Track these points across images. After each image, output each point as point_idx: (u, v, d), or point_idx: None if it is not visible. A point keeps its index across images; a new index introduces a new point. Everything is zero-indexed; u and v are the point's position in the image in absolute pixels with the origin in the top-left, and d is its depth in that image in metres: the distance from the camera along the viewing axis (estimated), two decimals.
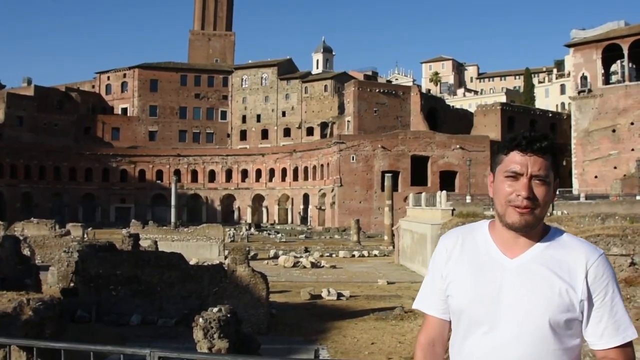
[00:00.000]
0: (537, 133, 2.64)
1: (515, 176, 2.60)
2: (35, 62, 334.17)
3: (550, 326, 2.54)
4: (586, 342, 2.67)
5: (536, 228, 2.66)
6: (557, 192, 2.85)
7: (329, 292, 27.37)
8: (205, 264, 28.74)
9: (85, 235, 52.06)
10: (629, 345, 2.61)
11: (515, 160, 2.61)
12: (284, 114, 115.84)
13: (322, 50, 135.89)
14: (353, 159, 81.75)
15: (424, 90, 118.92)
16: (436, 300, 2.86)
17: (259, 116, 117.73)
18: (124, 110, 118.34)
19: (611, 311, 2.59)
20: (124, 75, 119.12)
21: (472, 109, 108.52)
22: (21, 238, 32.89)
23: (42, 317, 12.43)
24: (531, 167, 2.58)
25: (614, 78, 77.80)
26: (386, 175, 63.65)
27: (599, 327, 2.59)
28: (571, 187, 69.23)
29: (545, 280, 2.58)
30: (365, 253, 51.14)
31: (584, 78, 71.43)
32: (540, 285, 2.57)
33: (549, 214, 44.04)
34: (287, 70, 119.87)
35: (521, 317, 2.56)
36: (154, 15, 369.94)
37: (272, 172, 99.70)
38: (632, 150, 66.12)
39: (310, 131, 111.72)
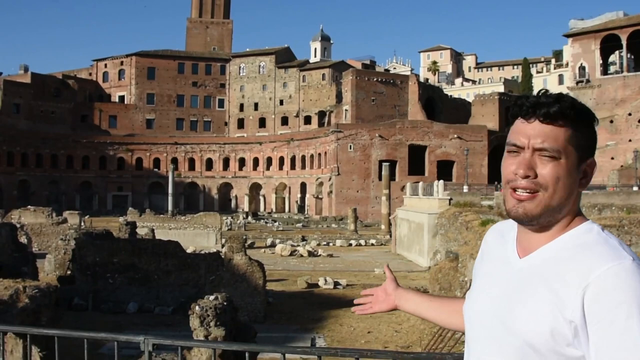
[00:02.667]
0: (547, 95, 2.02)
1: (517, 151, 2.03)
2: (32, 50, 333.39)
3: (530, 346, 1.92)
4: None
5: (554, 221, 2.02)
6: (590, 176, 2.09)
7: (325, 280, 27.42)
8: (202, 252, 28.73)
9: (82, 223, 52.09)
10: None
11: (517, 129, 2.04)
12: (281, 102, 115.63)
13: (320, 38, 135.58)
14: (350, 148, 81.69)
15: (422, 80, 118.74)
16: None
17: (256, 104, 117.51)
18: (121, 98, 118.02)
19: (620, 346, 1.75)
20: (122, 63, 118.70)
21: (470, 99, 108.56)
22: (18, 226, 32.89)
23: (38, 304, 12.43)
24: (534, 137, 1.98)
25: (612, 68, 77.72)
26: (384, 164, 63.63)
27: None
28: None
29: (536, 289, 1.96)
30: (362, 242, 51.20)
31: (582, 68, 71.36)
32: (529, 293, 1.96)
33: None
34: (284, 58, 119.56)
35: (502, 330, 2.01)
36: (151, 3, 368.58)
37: (269, 161, 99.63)
38: (630, 141, 66.14)
39: (307, 120, 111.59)
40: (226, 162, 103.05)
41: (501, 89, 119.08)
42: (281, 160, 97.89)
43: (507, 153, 2.07)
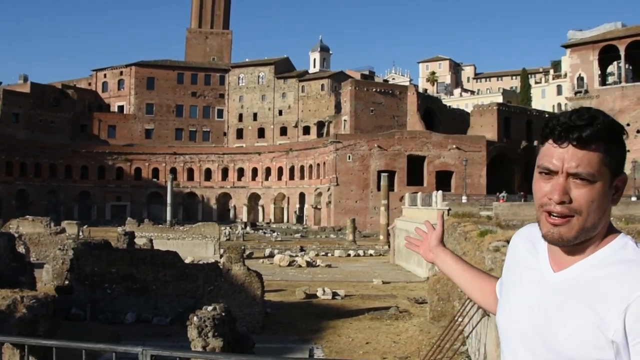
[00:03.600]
0: (581, 115, 1.97)
1: (550, 173, 1.99)
2: (31, 59, 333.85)
3: None
4: None
5: (589, 239, 2.03)
6: (620, 194, 2.05)
7: (324, 291, 27.36)
8: (201, 262, 28.68)
9: (81, 233, 51.97)
10: None
11: (549, 153, 2.00)
12: (280, 112, 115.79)
13: (319, 49, 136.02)
14: (349, 158, 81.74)
15: (420, 90, 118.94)
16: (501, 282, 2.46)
17: (255, 115, 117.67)
18: (121, 107, 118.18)
19: None
20: (121, 73, 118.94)
21: (468, 109, 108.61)
22: (16, 235, 32.82)
23: (35, 314, 12.40)
24: (567, 162, 1.94)
25: (610, 79, 77.95)
26: (382, 174, 63.65)
27: None
28: None
29: (575, 309, 1.95)
30: (360, 252, 51.13)
31: (580, 79, 71.59)
32: (570, 312, 1.96)
33: None
34: (284, 69, 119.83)
35: (537, 344, 2.03)
36: (151, 13, 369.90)
37: (268, 171, 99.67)
38: (628, 151, 66.15)
39: (306, 130, 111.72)
40: (225, 172, 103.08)
41: (500, 99, 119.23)
42: (280, 170, 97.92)
43: (538, 174, 2.04)
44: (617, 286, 1.89)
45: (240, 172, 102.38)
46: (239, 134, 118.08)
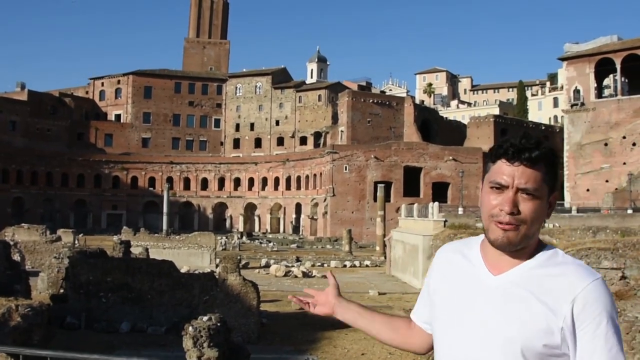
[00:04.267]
0: (529, 140, 2.32)
1: (500, 188, 2.32)
2: (29, 67, 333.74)
3: (522, 353, 2.25)
4: None
5: (527, 245, 2.37)
6: (553, 208, 2.49)
7: None
8: (196, 272, 28.62)
9: (76, 242, 51.81)
10: None
11: (500, 170, 2.33)
12: (277, 123, 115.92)
13: (316, 59, 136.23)
14: (346, 169, 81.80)
15: (417, 102, 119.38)
16: (424, 313, 2.74)
17: (252, 125, 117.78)
18: (118, 116, 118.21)
19: (604, 348, 2.21)
20: (118, 82, 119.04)
21: (465, 121, 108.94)
22: (11, 243, 32.72)
23: (30, 323, 12.35)
24: (517, 178, 2.29)
25: (606, 92, 78.17)
26: (379, 185, 63.72)
27: None
28: (563, 200, 69.44)
29: (524, 303, 2.28)
30: (356, 263, 51.09)
31: (576, 91, 71.75)
32: (518, 307, 2.29)
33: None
34: (281, 79, 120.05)
35: (492, 337, 2.31)
36: (149, 23, 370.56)
37: (264, 181, 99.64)
38: (624, 164, 66.36)
39: (303, 140, 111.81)
40: (221, 182, 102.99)
41: (496, 111, 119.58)
42: (276, 180, 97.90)
43: (489, 189, 2.37)
44: (562, 282, 2.27)
45: (237, 182, 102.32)
46: (236, 143, 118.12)
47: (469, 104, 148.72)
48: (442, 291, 2.54)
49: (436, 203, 42.71)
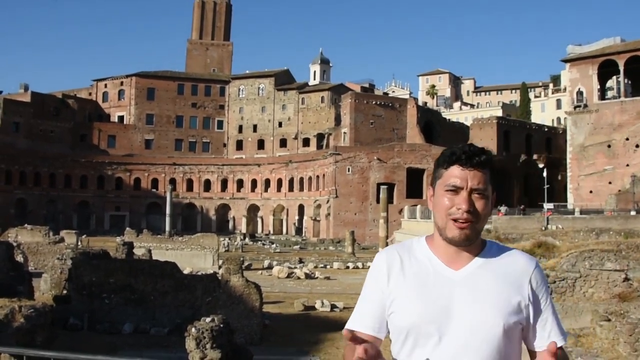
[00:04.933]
0: (475, 147, 2.70)
1: (456, 190, 2.64)
2: (32, 69, 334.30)
3: (504, 331, 2.59)
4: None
5: (476, 241, 2.71)
6: (493, 207, 2.96)
7: (322, 303, 27.32)
8: (199, 273, 28.65)
9: (79, 243, 51.89)
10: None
11: (455, 174, 2.65)
12: (280, 124, 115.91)
13: (319, 61, 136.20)
14: (349, 171, 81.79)
15: (420, 103, 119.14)
16: (374, 319, 2.77)
17: (255, 126, 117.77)
18: (121, 118, 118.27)
19: (553, 314, 2.74)
20: (121, 83, 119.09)
21: (468, 123, 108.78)
22: (14, 244, 32.77)
23: (33, 324, 12.37)
24: (471, 180, 2.63)
25: (609, 94, 78.13)
26: (382, 187, 63.68)
27: (545, 330, 2.70)
28: (566, 201, 69.38)
29: (495, 289, 2.65)
30: (359, 265, 51.04)
31: (579, 93, 71.68)
32: (491, 293, 2.63)
33: (543, 228, 44.04)
34: (284, 81, 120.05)
35: (475, 326, 2.59)
36: (152, 24, 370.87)
37: (267, 183, 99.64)
38: (627, 165, 66.29)
39: (306, 142, 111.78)
40: (224, 184, 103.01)
41: (499, 113, 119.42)
42: (279, 182, 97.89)
43: (444, 192, 2.67)
44: (518, 266, 2.72)
45: (240, 184, 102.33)
46: (239, 145, 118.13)
47: (472, 106, 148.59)
48: (408, 293, 2.68)
49: None
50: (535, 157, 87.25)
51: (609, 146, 68.43)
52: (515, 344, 2.68)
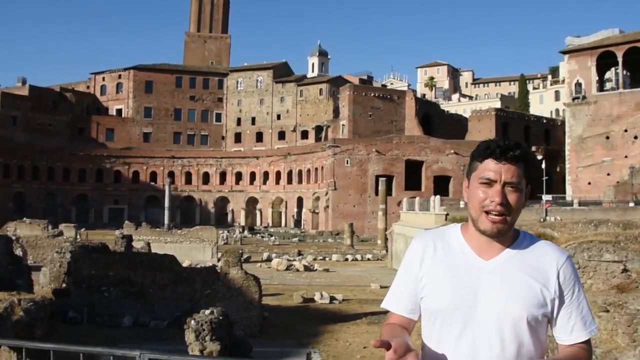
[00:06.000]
0: (510, 142, 2.75)
1: (489, 183, 2.71)
2: (30, 62, 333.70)
3: (528, 322, 2.67)
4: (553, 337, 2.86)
5: (510, 231, 2.77)
6: (526, 200, 2.96)
7: (321, 295, 27.35)
8: (198, 266, 28.67)
9: (78, 236, 51.92)
10: (590, 339, 2.82)
11: (489, 167, 2.72)
12: (278, 117, 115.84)
13: (317, 53, 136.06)
14: (347, 163, 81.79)
15: (418, 95, 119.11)
16: (407, 301, 2.89)
17: (253, 119, 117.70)
18: (119, 111, 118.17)
19: (578, 308, 2.78)
20: (119, 77, 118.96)
21: (466, 114, 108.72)
22: (13, 238, 32.76)
23: (33, 317, 12.38)
24: (504, 174, 2.69)
25: (608, 85, 78.04)
26: (380, 179, 63.71)
27: (569, 324, 2.76)
28: (564, 193, 69.39)
29: (522, 281, 2.71)
30: (358, 257, 51.13)
31: (578, 85, 71.62)
32: (517, 285, 2.70)
33: (541, 220, 44.09)
34: (282, 73, 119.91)
35: (501, 315, 2.67)
36: (149, 17, 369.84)
37: (266, 175, 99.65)
38: (626, 157, 66.28)
39: (304, 134, 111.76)
40: (223, 176, 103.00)
41: (498, 104, 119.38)
42: (278, 174, 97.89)
43: (478, 184, 2.74)
44: (547, 260, 2.77)
45: (238, 176, 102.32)
46: (237, 137, 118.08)
47: (471, 98, 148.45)
48: (439, 279, 2.79)
49: (437, 196, 42.73)
50: (533, 148, 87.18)
51: (608, 138, 68.41)
52: (540, 335, 2.75)
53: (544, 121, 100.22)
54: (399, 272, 2.98)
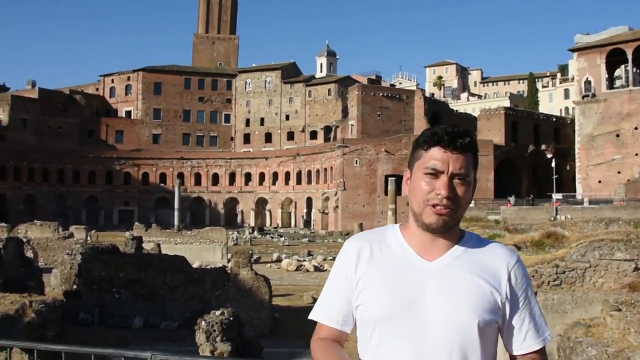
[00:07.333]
0: (459, 128, 2.49)
1: (436, 174, 2.43)
2: (39, 65, 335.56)
3: (479, 329, 2.39)
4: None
5: (454, 230, 2.52)
6: (474, 194, 2.69)
7: None
8: (208, 267, 28.71)
9: (89, 238, 52.14)
10: (544, 347, 2.56)
11: (435, 156, 2.44)
12: (287, 117, 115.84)
13: (326, 54, 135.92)
14: (356, 163, 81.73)
15: (427, 95, 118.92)
16: (338, 311, 2.62)
17: (262, 120, 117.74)
18: (128, 113, 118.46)
19: (531, 313, 2.53)
20: (128, 78, 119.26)
21: (475, 113, 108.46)
22: (24, 240, 32.92)
23: (44, 319, 12.43)
24: (452, 164, 2.42)
25: (617, 83, 77.70)
26: (389, 179, 63.58)
27: (522, 331, 2.51)
28: (575, 192, 69.15)
29: (471, 282, 2.44)
30: None
31: (587, 83, 71.35)
32: (466, 287, 2.42)
33: (552, 218, 43.90)
34: (290, 73, 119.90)
35: (448, 320, 2.38)
36: (158, 19, 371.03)
37: (275, 176, 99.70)
38: (636, 155, 65.98)
39: (313, 135, 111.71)
40: (232, 177, 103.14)
41: (507, 103, 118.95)
42: (287, 175, 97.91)
43: (423, 175, 2.46)
44: (497, 260, 2.51)
45: (248, 177, 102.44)
46: (246, 138, 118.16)
47: (479, 97, 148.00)
48: (377, 284, 2.48)
49: None
50: (543, 147, 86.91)
51: (618, 135, 68.10)
52: (491, 343, 2.47)
53: (554, 119, 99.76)
54: (330, 279, 2.66)
